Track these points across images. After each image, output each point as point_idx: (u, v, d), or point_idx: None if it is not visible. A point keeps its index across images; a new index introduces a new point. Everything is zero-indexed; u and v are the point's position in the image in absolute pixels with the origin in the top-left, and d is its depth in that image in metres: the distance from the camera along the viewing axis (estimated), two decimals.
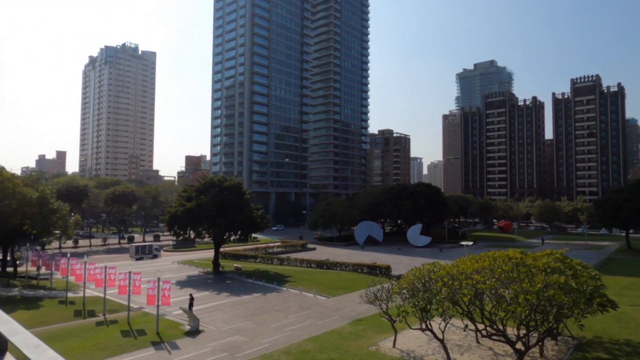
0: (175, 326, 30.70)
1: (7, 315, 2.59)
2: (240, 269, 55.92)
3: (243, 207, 52.91)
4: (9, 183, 43.51)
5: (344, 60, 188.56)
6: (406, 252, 79.37)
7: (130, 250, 71.85)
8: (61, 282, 44.63)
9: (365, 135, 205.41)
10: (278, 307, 36.56)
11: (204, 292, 42.43)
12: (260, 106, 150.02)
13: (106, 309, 34.61)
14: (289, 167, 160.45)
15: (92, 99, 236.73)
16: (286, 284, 45.86)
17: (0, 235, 45.42)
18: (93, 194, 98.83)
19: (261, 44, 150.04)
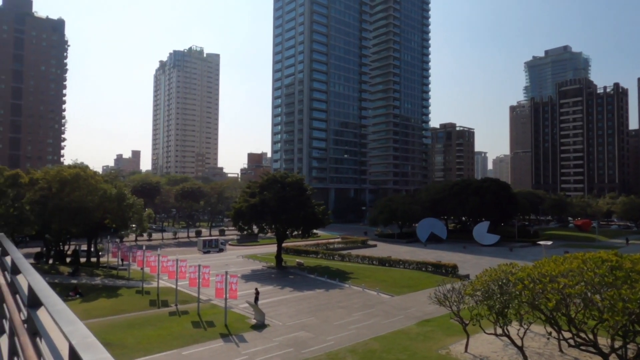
0: (242, 319, 31.40)
1: (39, 276, 2.90)
2: (302, 264, 56.39)
3: (305, 203, 53.21)
4: (92, 180, 47.21)
5: (403, 53, 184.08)
6: (472, 250, 75.78)
7: (198, 244, 75.27)
8: (137, 273, 47.62)
9: (426, 129, 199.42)
10: (341, 303, 36.23)
11: (268, 286, 43.17)
12: (319, 103, 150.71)
13: (178, 300, 36.29)
14: (348, 163, 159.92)
15: (163, 101, 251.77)
16: (348, 281, 45.44)
17: (85, 228, 49.41)
18: (164, 190, 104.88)
19: (320, 41, 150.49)
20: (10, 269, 4.32)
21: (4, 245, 5.53)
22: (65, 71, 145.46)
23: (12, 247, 4.91)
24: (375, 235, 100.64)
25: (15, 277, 3.97)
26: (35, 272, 3.21)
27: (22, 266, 3.83)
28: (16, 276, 3.99)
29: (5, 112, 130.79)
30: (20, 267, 3.86)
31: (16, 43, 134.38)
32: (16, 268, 4.10)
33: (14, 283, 3.87)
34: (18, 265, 3.84)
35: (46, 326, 2.58)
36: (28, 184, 48.64)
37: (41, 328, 2.59)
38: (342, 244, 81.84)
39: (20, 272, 4.10)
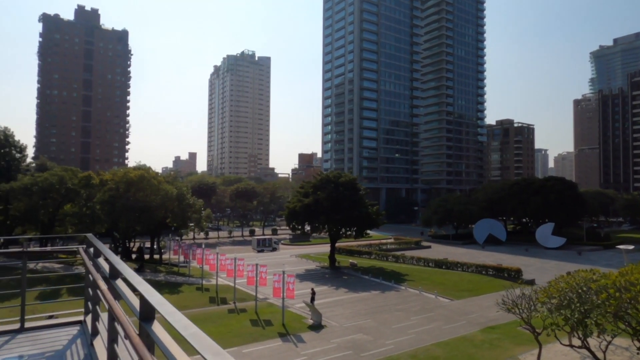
0: (298, 319, 31.47)
1: (152, 289, 2.86)
2: (355, 264, 55.87)
3: (358, 203, 52.65)
4: (154, 181, 49.63)
5: (456, 48, 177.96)
6: (535, 253, 71.46)
7: (253, 243, 76.95)
8: (196, 270, 49.39)
9: (482, 126, 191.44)
10: (399, 306, 35.33)
11: (323, 286, 43.09)
12: (369, 102, 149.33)
13: (236, 298, 37.11)
14: (399, 163, 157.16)
15: (217, 105, 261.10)
16: (404, 283, 44.33)
17: (148, 227, 52.03)
18: (220, 191, 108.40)
19: (370, 39, 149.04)
20: (108, 274, 4.25)
21: (97, 247, 5.58)
22: (128, 79, 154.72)
23: (107, 251, 4.93)
24: (428, 236, 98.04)
25: (115, 282, 3.86)
26: (145, 283, 3.04)
27: (124, 271, 3.71)
28: (115, 281, 3.89)
29: (77, 119, 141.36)
30: (122, 271, 3.75)
31: (86, 54, 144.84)
32: (115, 271, 4.02)
33: (115, 289, 3.73)
34: (122, 272, 3.69)
35: (162, 337, 2.39)
36: (98, 185, 52.01)
37: (157, 340, 2.40)
38: (394, 244, 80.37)
39: (118, 277, 3.99)
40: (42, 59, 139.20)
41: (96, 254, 5.10)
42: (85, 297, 5.75)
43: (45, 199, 49.20)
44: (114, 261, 4.14)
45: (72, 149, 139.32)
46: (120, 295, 3.48)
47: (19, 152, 58.04)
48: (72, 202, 52.20)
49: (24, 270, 5.68)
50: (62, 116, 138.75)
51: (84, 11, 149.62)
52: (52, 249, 5.93)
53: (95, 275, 4.48)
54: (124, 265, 3.89)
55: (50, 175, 50.19)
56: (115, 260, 4.17)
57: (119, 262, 4.06)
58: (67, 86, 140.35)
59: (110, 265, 4.17)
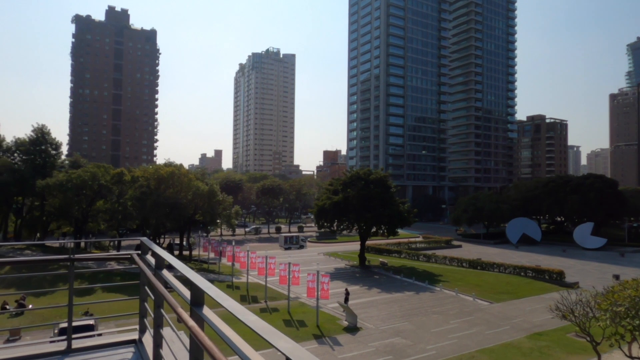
0: (332, 320, 30.55)
1: (198, 275, 2.83)
2: (386, 264, 54.58)
3: (389, 201, 51.29)
4: (185, 178, 49.66)
5: (486, 42, 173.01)
6: (573, 254, 68.31)
7: (280, 240, 76.54)
8: (226, 267, 49.23)
9: (512, 122, 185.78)
10: (435, 309, 33.93)
11: (354, 286, 42.04)
12: (395, 98, 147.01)
13: (267, 297, 36.51)
14: (426, 160, 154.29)
15: (242, 102, 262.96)
16: (439, 284, 42.78)
17: (178, 223, 52.18)
18: (246, 187, 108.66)
19: (396, 34, 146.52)
20: (191, 300, 3.40)
21: (158, 253, 4.73)
22: (157, 77, 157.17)
23: (174, 260, 4.07)
24: (457, 235, 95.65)
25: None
26: None
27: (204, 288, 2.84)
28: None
29: (108, 117, 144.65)
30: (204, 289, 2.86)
31: (116, 54, 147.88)
32: (199, 299, 3.19)
33: None
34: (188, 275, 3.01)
35: None
36: (130, 182, 52.47)
37: None
38: (424, 243, 78.57)
39: None
40: (74, 59, 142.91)
41: (158, 265, 4.18)
42: (140, 312, 4.90)
43: (79, 195, 49.97)
44: (183, 270, 3.19)
45: (103, 147, 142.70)
46: None
47: (54, 149, 59.27)
48: (105, 199, 52.89)
49: (71, 281, 4.87)
50: (93, 114, 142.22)
51: (114, 12, 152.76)
52: (102, 256, 4.83)
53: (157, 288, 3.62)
54: (203, 281, 2.86)
55: (83, 172, 50.95)
56: (186, 271, 3.27)
57: (193, 276, 3.15)
58: (98, 85, 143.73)
59: (179, 278, 3.29)
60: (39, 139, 57.47)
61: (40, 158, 57.45)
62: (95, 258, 5.21)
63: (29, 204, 59.47)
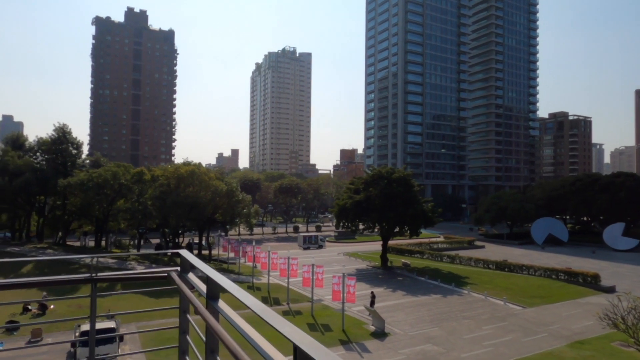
0: (358, 324, 29.38)
1: (212, 269, 2.68)
2: (408, 265, 53.10)
3: (412, 200, 49.80)
4: (205, 177, 49.11)
5: (507, 38, 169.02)
6: (603, 256, 65.56)
7: (299, 240, 75.58)
8: (245, 268, 48.45)
9: (534, 119, 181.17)
10: (465, 313, 32.44)
11: (378, 288, 40.74)
12: (414, 95, 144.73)
13: (289, 298, 35.55)
14: (445, 158, 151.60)
15: (259, 101, 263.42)
16: (466, 286, 41.15)
17: (198, 223, 51.68)
18: (264, 187, 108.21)
19: (414, 31, 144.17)
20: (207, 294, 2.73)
21: (201, 269, 3.68)
22: (175, 77, 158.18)
23: (228, 282, 3.01)
24: (479, 235, 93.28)
25: None
26: None
27: None
28: None
29: (127, 117, 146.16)
30: None
31: (135, 54, 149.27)
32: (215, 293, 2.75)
33: None
34: None
35: None
36: (150, 181, 52.20)
37: None
38: (446, 243, 76.73)
39: None
40: (94, 60, 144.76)
41: (212, 294, 2.97)
42: (180, 347, 3.80)
43: (100, 194, 49.89)
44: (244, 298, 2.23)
45: (123, 146, 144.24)
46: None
47: (75, 148, 59.49)
48: (125, 198, 52.75)
49: (93, 305, 3.83)
50: (113, 115, 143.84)
51: (133, 13, 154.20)
52: (130, 275, 3.61)
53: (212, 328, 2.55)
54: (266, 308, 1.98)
55: (104, 171, 50.87)
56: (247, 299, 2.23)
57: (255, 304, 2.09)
58: (117, 86, 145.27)
59: None
60: (60, 138, 57.72)
61: (61, 157, 57.70)
62: (122, 278, 4.14)
63: (51, 203, 59.84)
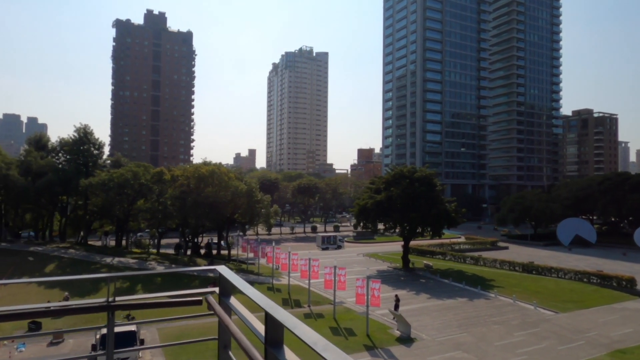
0: (383, 329, 28.39)
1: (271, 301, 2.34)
2: (431, 266, 51.74)
3: (435, 200, 48.46)
4: (224, 177, 48.77)
5: (528, 34, 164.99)
6: (635, 258, 62.80)
7: (317, 240, 74.78)
8: (265, 268, 47.91)
9: (557, 117, 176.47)
10: (494, 318, 31.09)
11: (401, 290, 39.61)
12: (433, 94, 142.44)
13: (310, 301, 34.78)
14: (465, 157, 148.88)
15: (276, 101, 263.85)
16: (493, 290, 39.67)
17: (218, 223, 51.40)
18: (282, 186, 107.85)
19: (433, 28, 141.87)
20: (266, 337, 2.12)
21: (237, 286, 2.92)
22: (193, 78, 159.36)
23: (286, 315, 2.20)
24: (502, 236, 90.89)
25: None
26: None
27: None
28: None
29: (147, 118, 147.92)
30: None
31: (154, 56, 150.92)
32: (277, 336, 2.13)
33: None
34: None
35: None
36: (170, 181, 52.18)
37: None
38: (468, 244, 74.92)
39: None
40: (115, 62, 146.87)
41: (273, 339, 2.13)
42: None
43: (121, 194, 50.09)
44: None
45: (143, 147, 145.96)
46: None
47: (96, 148, 60.03)
48: (145, 198, 52.86)
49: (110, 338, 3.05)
50: (133, 116, 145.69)
51: (152, 15, 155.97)
52: (157, 300, 2.81)
53: None
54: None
55: (125, 171, 51.06)
56: None
57: None
58: (137, 87, 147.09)
59: None
60: (82, 138, 58.26)
61: (83, 158, 58.25)
62: (145, 304, 3.34)
63: (73, 203, 60.47)
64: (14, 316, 2.64)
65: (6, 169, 50.66)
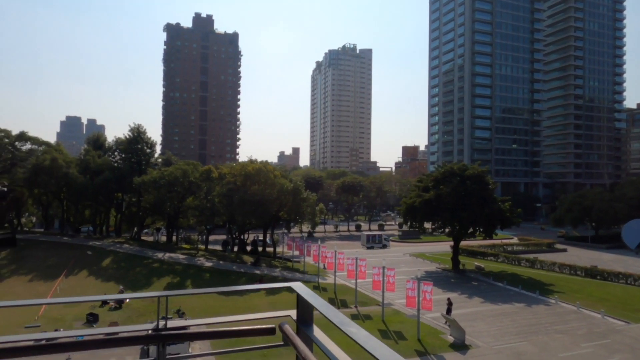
0: (434, 333, 27.11)
1: None
2: (482, 268, 49.37)
3: (488, 199, 46.08)
4: (271, 175, 49.02)
5: (588, 22, 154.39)
6: None
7: (362, 239, 73.76)
8: (310, 267, 47.62)
9: (620, 110, 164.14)
10: (557, 326, 28.87)
11: (452, 293, 37.88)
12: (482, 88, 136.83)
13: (357, 301, 34.02)
14: (516, 154, 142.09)
15: (319, 100, 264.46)
16: (553, 295, 37.03)
17: (264, 220, 51.78)
18: (326, 184, 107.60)
19: (483, 20, 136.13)
20: None
21: (322, 311, 2.23)
22: (239, 78, 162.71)
23: None
24: (558, 237, 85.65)
25: None
26: None
27: None
28: None
29: (195, 118, 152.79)
30: None
31: (202, 57, 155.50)
32: None
33: None
34: None
35: None
36: (217, 179, 53.19)
37: None
38: (521, 246, 71.16)
39: None
40: (166, 65, 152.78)
41: None
42: None
43: (171, 192, 51.64)
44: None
45: (192, 146, 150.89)
46: None
47: (149, 147, 62.41)
48: (194, 195, 54.20)
49: None
50: (182, 116, 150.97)
51: (200, 18, 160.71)
52: (212, 328, 2.20)
53: None
54: None
55: (175, 169, 52.60)
56: None
57: None
58: (187, 88, 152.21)
59: None
60: (136, 138, 60.71)
61: (136, 156, 60.68)
62: (200, 334, 2.72)
63: (128, 200, 63.20)
64: (50, 347, 2.12)
65: (67, 168, 53.64)
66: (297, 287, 2.62)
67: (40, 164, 51.86)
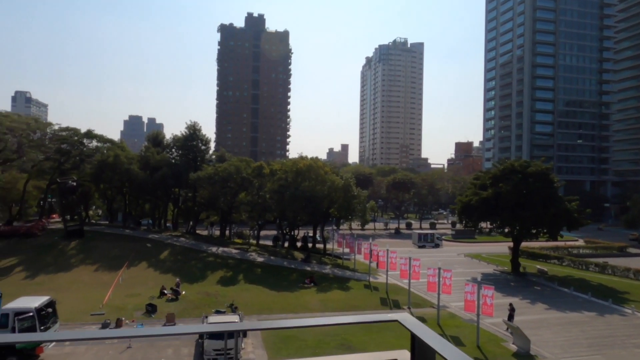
0: (495, 341, 25.54)
1: None
2: (545, 272, 46.22)
3: (553, 198, 42.99)
4: (321, 171, 48.81)
5: None
6: None
7: (413, 237, 71.90)
8: (360, 265, 46.90)
9: None
10: (634, 340, 26.22)
11: (512, 298, 35.70)
12: (543, 80, 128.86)
13: (410, 303, 32.92)
14: (581, 150, 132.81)
15: (369, 96, 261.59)
16: (629, 304, 33.82)
17: (314, 217, 51.72)
18: (376, 181, 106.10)
19: (545, 7, 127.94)
20: None
21: None
22: (289, 76, 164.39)
23: None
24: (631, 240, 78.85)
25: None
26: None
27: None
28: None
29: (247, 116, 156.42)
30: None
31: (254, 56, 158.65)
32: None
33: None
34: None
35: None
36: (268, 175, 53.82)
37: None
38: (588, 249, 66.19)
39: None
40: (220, 64, 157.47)
41: None
42: None
43: (225, 187, 52.90)
44: None
45: (244, 143, 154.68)
46: None
47: (204, 144, 64.43)
48: (246, 191, 55.22)
49: None
50: (235, 114, 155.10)
51: (252, 18, 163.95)
52: None
53: None
54: None
55: (228, 165, 53.82)
56: None
57: None
58: (239, 87, 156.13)
59: None
60: (192, 135, 62.86)
61: (192, 153, 62.82)
62: None
63: (184, 195, 65.66)
64: None
65: (129, 164, 56.53)
66: (406, 320, 2.04)
67: (104, 160, 55.05)
